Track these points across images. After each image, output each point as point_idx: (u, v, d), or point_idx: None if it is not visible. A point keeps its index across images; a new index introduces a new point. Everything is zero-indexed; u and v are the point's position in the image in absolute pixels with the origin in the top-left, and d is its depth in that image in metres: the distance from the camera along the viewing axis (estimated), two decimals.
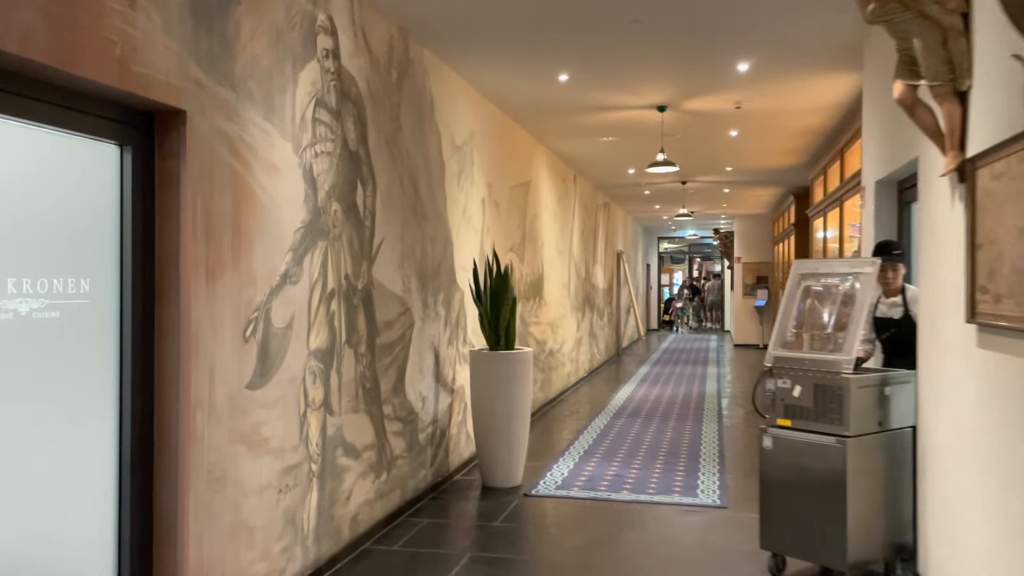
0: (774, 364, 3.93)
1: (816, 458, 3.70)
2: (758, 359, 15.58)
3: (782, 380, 3.88)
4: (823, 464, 3.67)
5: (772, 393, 3.93)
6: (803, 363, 3.81)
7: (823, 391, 3.70)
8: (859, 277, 3.82)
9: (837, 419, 3.63)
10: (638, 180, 12.14)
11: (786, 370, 3.87)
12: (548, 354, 9.51)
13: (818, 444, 3.69)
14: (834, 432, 3.64)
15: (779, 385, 3.89)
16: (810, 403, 3.75)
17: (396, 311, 4.94)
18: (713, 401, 9.87)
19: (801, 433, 3.79)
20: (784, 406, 3.88)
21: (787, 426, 3.86)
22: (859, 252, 7.35)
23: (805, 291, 4.06)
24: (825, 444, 3.66)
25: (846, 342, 3.71)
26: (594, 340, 13.16)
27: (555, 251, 10.01)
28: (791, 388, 3.83)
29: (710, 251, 30.79)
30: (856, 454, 3.59)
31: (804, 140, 8.82)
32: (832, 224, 9.48)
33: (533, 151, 8.77)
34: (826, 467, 3.65)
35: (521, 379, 5.66)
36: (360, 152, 4.46)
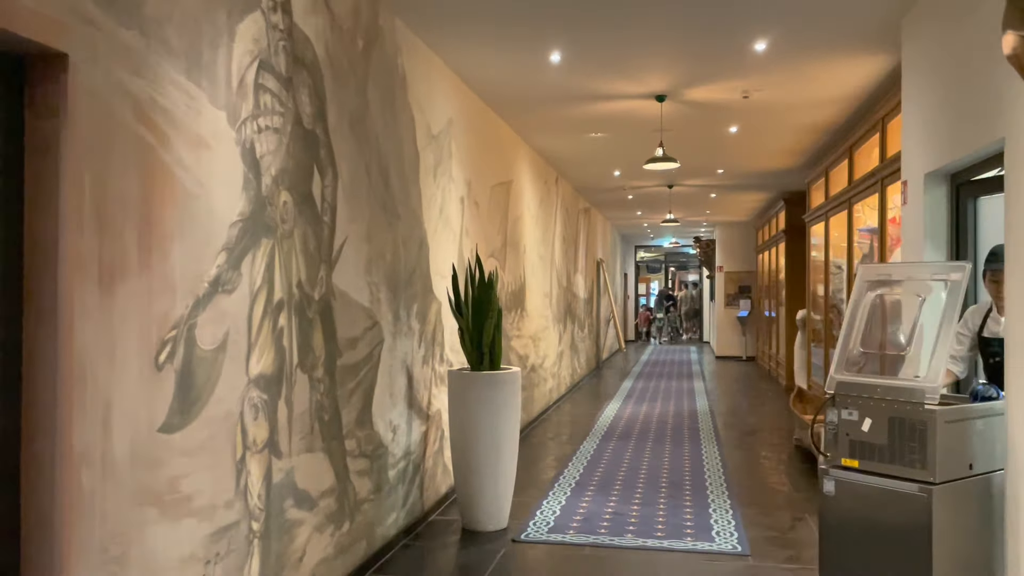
0: (837, 391, 3.20)
1: (892, 509, 2.96)
2: (743, 372, 14.95)
3: (847, 411, 3.14)
4: (901, 516, 2.93)
5: (835, 426, 3.20)
6: (874, 390, 3.08)
7: (901, 425, 2.96)
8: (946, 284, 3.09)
9: (919, 460, 2.90)
10: (623, 183, 11.44)
11: (852, 398, 3.14)
12: (530, 370, 8.72)
13: (895, 491, 2.96)
14: (916, 477, 2.91)
15: (844, 417, 3.15)
16: (884, 439, 3.02)
17: (362, 325, 4.13)
18: (707, 420, 9.15)
19: (872, 477, 3.05)
20: (850, 442, 3.14)
21: (854, 467, 3.13)
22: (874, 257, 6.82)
23: (874, 301, 3.33)
24: (904, 492, 2.93)
25: (931, 364, 2.98)
26: (575, 353, 12.41)
27: (537, 257, 9.24)
28: (859, 421, 3.10)
29: (685, 260, 30.28)
30: (944, 505, 2.86)
31: (807, 138, 8.17)
32: (837, 229, 8.84)
33: (515, 148, 8.01)
34: (905, 520, 2.91)
35: (508, 404, 4.87)
36: (317, 132, 3.65)
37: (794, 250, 12.25)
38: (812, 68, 5.61)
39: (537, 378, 9.13)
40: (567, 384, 11.40)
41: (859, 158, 7.40)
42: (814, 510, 5.38)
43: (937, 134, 4.06)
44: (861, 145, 7.21)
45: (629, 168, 10.14)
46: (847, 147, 7.53)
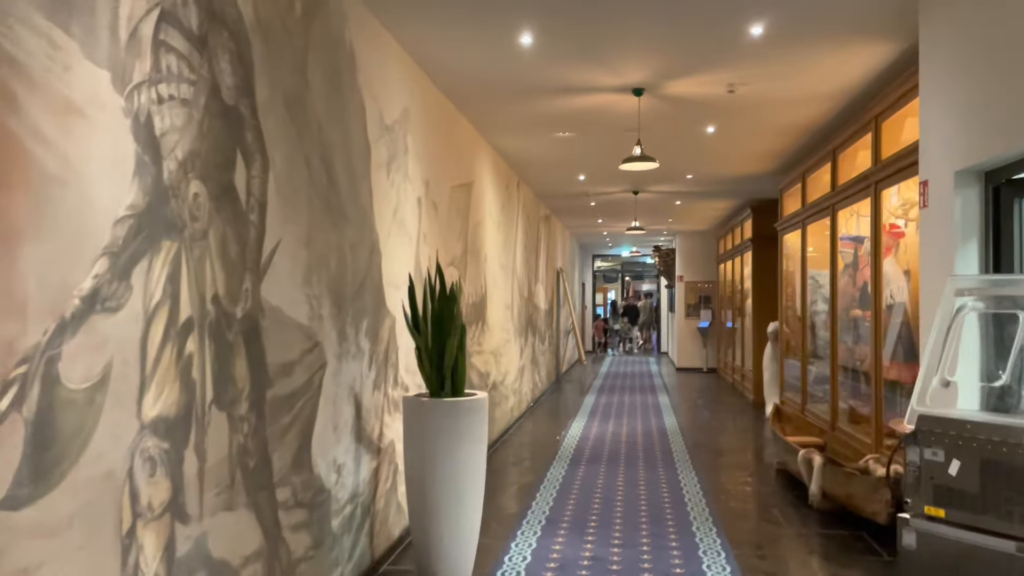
0: (919, 426, 2.61)
1: (984, 570, 2.39)
2: (706, 385, 14.50)
3: (931, 450, 2.57)
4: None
5: (916, 468, 2.62)
6: (964, 426, 2.51)
7: (996, 469, 2.40)
8: None
9: (1018, 513, 2.33)
10: (587, 189, 10.86)
11: (937, 435, 2.56)
12: (491, 387, 8.05)
13: (988, 549, 2.39)
14: (1014, 533, 2.34)
15: (927, 457, 2.57)
16: (975, 486, 2.45)
17: (299, 348, 3.42)
18: (678, 439, 8.58)
19: (961, 530, 2.48)
20: (934, 488, 2.57)
21: (939, 517, 2.55)
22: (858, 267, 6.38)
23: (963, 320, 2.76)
24: (999, 550, 2.36)
25: None
26: (536, 367, 11.77)
27: (499, 266, 8.59)
28: (945, 463, 2.52)
29: (641, 270, 29.96)
30: None
31: (786, 141, 7.68)
32: (816, 237, 8.37)
33: (476, 147, 7.35)
34: None
35: (473, 436, 4.19)
36: (242, 109, 2.94)
37: (762, 260, 11.83)
38: (806, 58, 5.08)
39: (499, 396, 8.46)
40: (528, 401, 10.76)
41: (843, 161, 6.93)
42: (816, 549, 4.82)
43: (969, 127, 3.52)
44: (847, 147, 6.74)
45: (595, 172, 9.57)
46: (830, 150, 7.05)
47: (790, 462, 6.43)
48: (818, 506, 5.57)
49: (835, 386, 7.05)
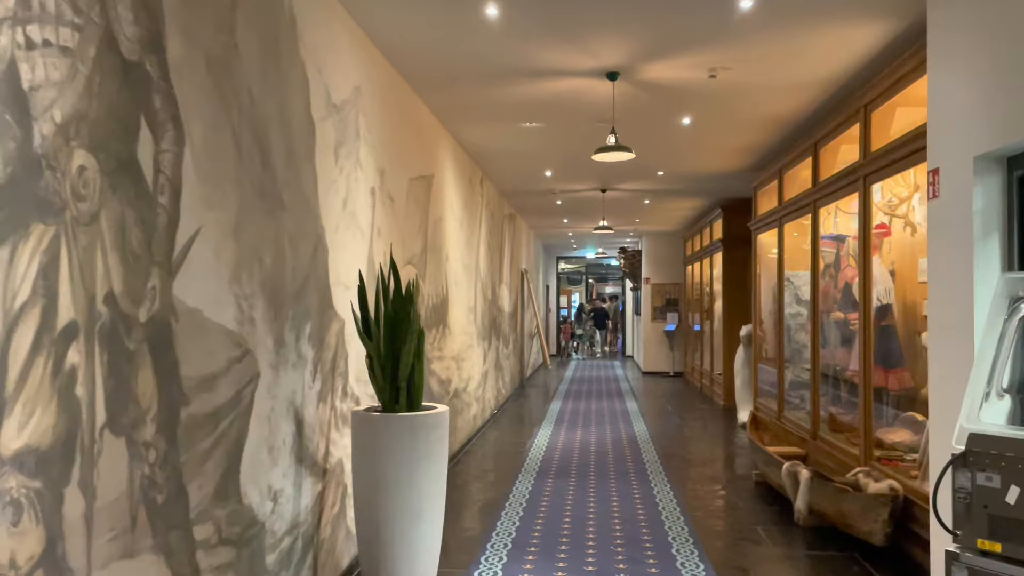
0: (969, 446, 2.19)
1: None
2: (674, 390, 14.16)
3: (985, 474, 2.14)
4: None
5: (967, 494, 2.19)
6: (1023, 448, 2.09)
7: None
8: None
9: None
10: (554, 186, 10.42)
11: (992, 458, 2.14)
12: (453, 395, 7.55)
13: None
14: None
15: (980, 483, 2.15)
16: None
17: (224, 357, 2.89)
18: (648, 448, 8.17)
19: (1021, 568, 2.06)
20: (989, 518, 2.14)
21: (995, 552, 2.12)
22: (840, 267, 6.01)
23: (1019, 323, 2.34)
24: None
25: None
26: (500, 373, 11.29)
27: (461, 266, 8.10)
28: (1002, 489, 2.10)
29: (606, 272, 29.66)
30: None
31: (764, 134, 7.32)
32: (793, 236, 8.02)
33: (437, 137, 6.86)
34: None
35: (432, 455, 3.70)
36: (148, 67, 2.42)
37: (733, 261, 11.52)
38: (796, 38, 4.69)
39: (460, 404, 7.96)
40: (492, 408, 10.27)
41: (825, 156, 6.57)
42: (807, 574, 4.41)
43: (992, 106, 3.13)
44: (830, 140, 6.38)
45: (563, 168, 9.13)
46: (811, 144, 6.69)
47: (771, 474, 6.04)
48: (804, 523, 5.19)
49: (816, 393, 6.69)
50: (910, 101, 5.17)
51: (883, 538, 4.47)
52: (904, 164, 4.92)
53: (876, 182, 5.36)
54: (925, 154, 4.74)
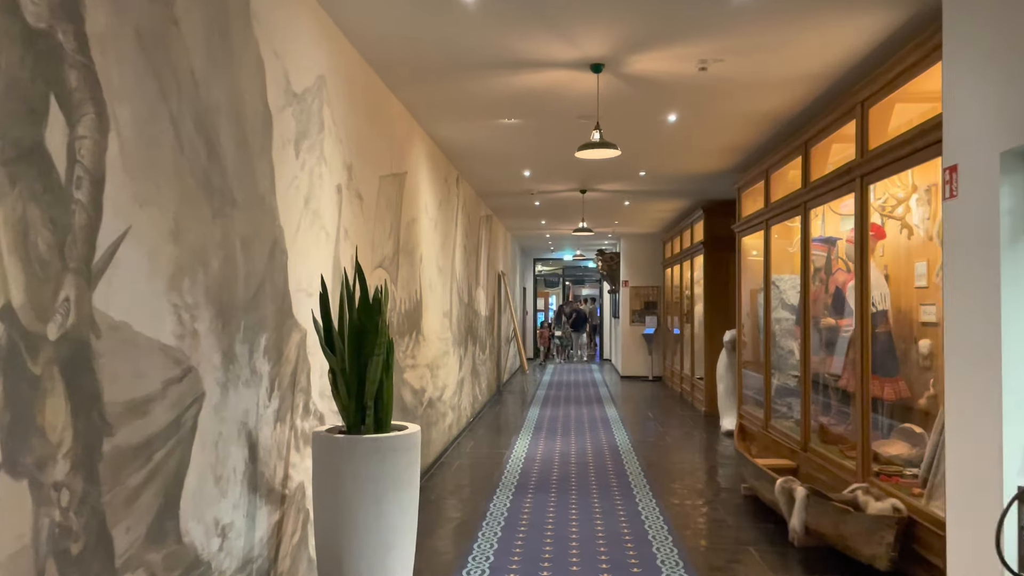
0: None
1: None
2: (653, 395, 13.89)
3: None
4: None
5: None
6: None
7: None
8: None
9: None
10: (532, 186, 10.08)
11: None
12: (427, 405, 7.18)
13: None
14: None
15: None
16: None
17: (160, 376, 2.52)
18: (631, 458, 7.86)
19: None
20: None
21: None
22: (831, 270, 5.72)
23: None
24: None
25: None
26: (476, 379, 10.93)
27: (436, 270, 7.73)
28: None
29: (582, 274, 29.40)
30: None
31: (751, 133, 7.04)
32: (780, 239, 7.76)
33: (410, 134, 6.49)
34: None
35: (402, 481, 3.34)
36: (61, 38, 2.04)
37: (715, 263, 11.25)
38: (794, 26, 4.39)
39: (435, 415, 7.59)
40: (468, 416, 9.91)
41: (816, 155, 6.30)
42: None
43: (1020, 97, 2.84)
44: (822, 139, 6.11)
45: (543, 167, 8.79)
46: (801, 143, 6.42)
47: (762, 489, 5.75)
48: (800, 543, 4.88)
49: (807, 402, 6.41)
50: (911, 97, 4.91)
51: (888, 563, 4.17)
52: (905, 163, 4.64)
53: (874, 182, 5.08)
54: (928, 153, 4.47)
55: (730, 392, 9.81)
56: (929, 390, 5.43)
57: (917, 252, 5.58)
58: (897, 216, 5.51)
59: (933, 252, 5.45)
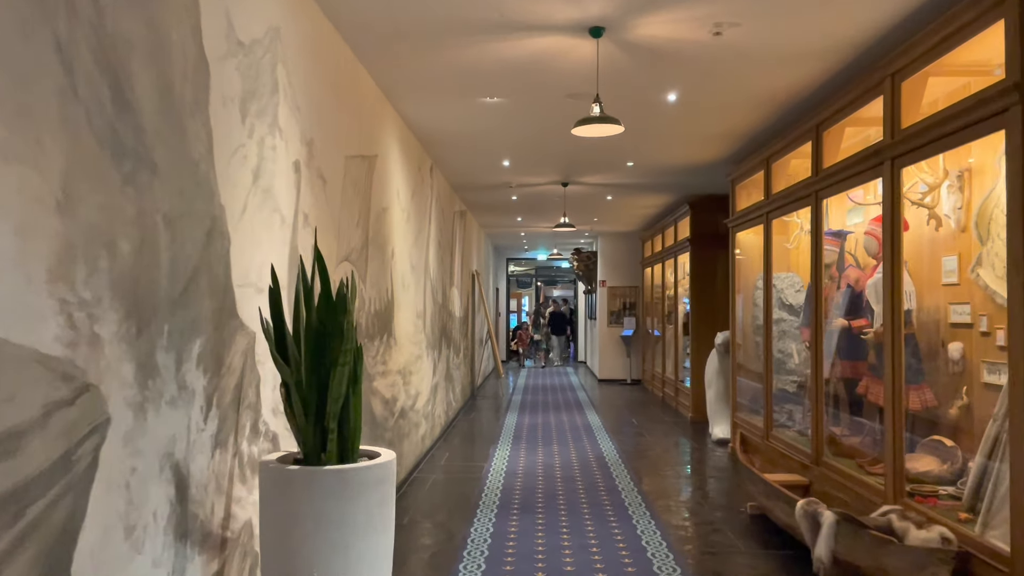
0: None
1: None
2: (635, 399, 13.32)
3: None
4: None
5: None
6: None
7: None
8: None
9: None
10: (511, 178, 9.43)
11: None
12: (399, 415, 6.50)
13: None
14: None
15: None
16: None
17: (36, 400, 1.82)
18: (621, 472, 7.24)
19: None
20: None
21: None
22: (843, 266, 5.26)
23: None
24: None
25: None
26: (451, 384, 10.25)
27: (409, 266, 7.05)
28: None
29: (555, 274, 28.82)
30: None
31: (757, 115, 6.46)
32: (779, 234, 7.21)
33: (381, 112, 5.80)
34: None
35: (373, 524, 2.66)
36: None
37: (703, 261, 10.70)
38: None
39: (407, 425, 6.91)
40: (442, 424, 9.22)
41: (830, 139, 5.73)
42: None
43: None
44: (838, 121, 5.54)
45: (524, 156, 8.14)
46: (813, 126, 5.85)
47: (775, 509, 5.15)
48: (827, 575, 4.29)
49: (819, 412, 5.84)
50: (950, 69, 4.35)
51: None
52: (953, 141, 4.08)
53: (908, 165, 4.51)
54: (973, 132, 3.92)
55: (721, 397, 9.25)
56: (961, 399, 4.88)
57: (945, 245, 5.03)
58: (927, 204, 4.95)
59: (965, 245, 4.90)
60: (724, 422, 9.10)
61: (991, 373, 4.61)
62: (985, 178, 4.69)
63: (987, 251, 4.59)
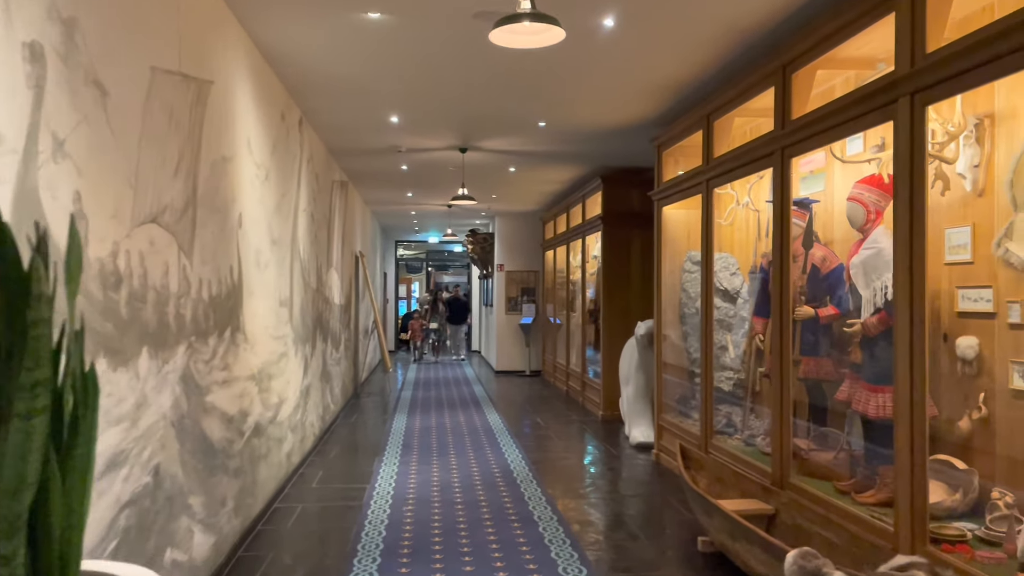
0: None
1: None
2: (537, 394, 12.13)
3: None
4: None
5: None
6: None
7: None
8: None
9: None
10: (400, 140, 7.95)
11: None
12: (252, 434, 4.97)
13: None
14: None
15: None
16: None
17: None
18: (535, 493, 5.97)
19: None
20: None
21: None
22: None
23: None
24: None
25: None
26: (328, 384, 8.71)
27: (268, 240, 5.49)
28: None
29: (447, 258, 27.38)
30: None
31: (710, 54, 5.27)
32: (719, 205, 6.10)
33: (218, 22, 4.24)
34: None
35: None
36: None
37: (618, 242, 9.57)
38: None
39: (265, 444, 5.38)
40: (316, 434, 7.69)
41: (800, 83, 4.60)
42: None
43: None
44: (814, 58, 4.41)
45: (416, 107, 6.69)
46: (779, 66, 4.70)
47: (743, 553, 3.98)
48: None
49: (784, 422, 4.73)
50: None
51: None
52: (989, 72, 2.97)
53: (938, 100, 3.38)
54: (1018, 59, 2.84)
55: (641, 395, 8.14)
56: (980, 409, 3.84)
57: (953, 214, 3.98)
58: (947, 158, 3.86)
59: (982, 213, 3.86)
60: (644, 424, 8.00)
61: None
62: (1020, 124, 3.64)
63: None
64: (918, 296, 3.40)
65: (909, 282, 3.44)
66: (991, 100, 3.79)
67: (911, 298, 3.43)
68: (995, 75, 3.04)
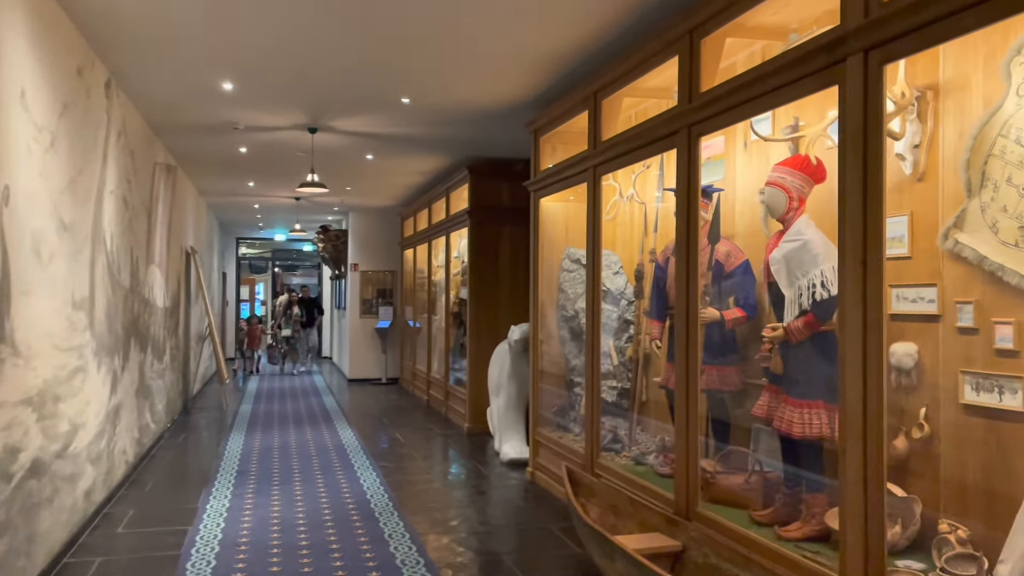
0: None
1: None
2: (394, 405, 11.19)
3: None
4: None
5: None
6: None
7: None
8: None
9: None
10: (233, 111, 6.78)
11: None
12: (27, 475, 3.78)
13: None
14: None
15: None
16: None
17: None
18: (397, 532, 5.07)
19: None
20: None
21: None
22: None
23: None
24: None
25: None
26: (147, 400, 7.38)
27: (54, 223, 4.28)
28: None
29: (295, 258, 25.74)
30: None
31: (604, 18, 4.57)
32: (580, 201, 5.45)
33: None
34: None
35: None
36: None
37: (486, 239, 8.82)
38: None
39: (48, 485, 4.17)
40: (128, 462, 6.40)
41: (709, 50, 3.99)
42: None
43: None
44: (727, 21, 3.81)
45: (258, 66, 5.60)
46: (684, 31, 4.08)
47: None
48: None
49: (690, 442, 4.09)
50: None
51: None
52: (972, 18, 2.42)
53: (898, 59, 2.81)
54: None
55: (513, 406, 7.41)
56: (921, 427, 3.33)
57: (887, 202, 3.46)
58: (895, 133, 3.32)
59: (923, 200, 3.37)
60: (516, 438, 7.27)
61: (981, 391, 3.08)
62: (972, 97, 3.15)
63: (983, 204, 3.05)
64: (873, 294, 2.81)
65: (862, 277, 2.85)
66: (935, 69, 3.30)
67: (864, 296, 2.84)
68: (979, 22, 2.47)
